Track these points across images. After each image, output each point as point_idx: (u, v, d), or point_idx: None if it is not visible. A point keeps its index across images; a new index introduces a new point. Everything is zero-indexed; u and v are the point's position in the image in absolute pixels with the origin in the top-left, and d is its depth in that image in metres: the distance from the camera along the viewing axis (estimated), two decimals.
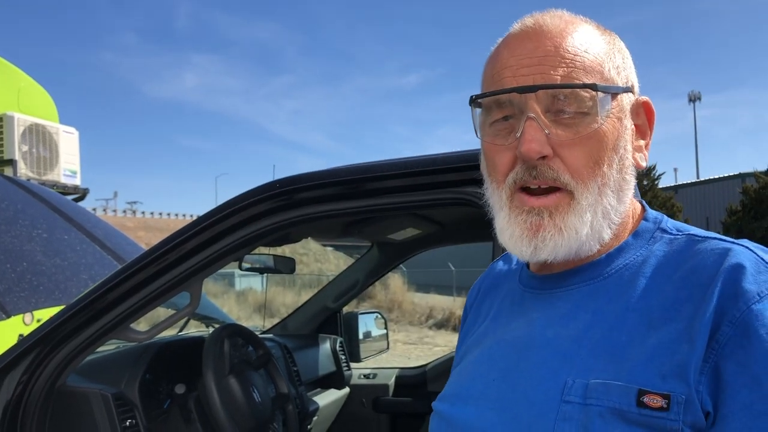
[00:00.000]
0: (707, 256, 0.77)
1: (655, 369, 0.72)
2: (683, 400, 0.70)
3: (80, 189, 5.65)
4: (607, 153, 0.81)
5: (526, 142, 0.79)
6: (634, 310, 0.78)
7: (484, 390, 0.86)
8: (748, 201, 19.40)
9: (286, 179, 1.68)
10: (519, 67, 0.82)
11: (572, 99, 0.80)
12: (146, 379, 2.01)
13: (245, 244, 1.74)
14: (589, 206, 0.81)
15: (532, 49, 0.82)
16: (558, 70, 0.81)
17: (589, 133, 0.80)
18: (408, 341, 13.70)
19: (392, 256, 3.14)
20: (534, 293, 0.91)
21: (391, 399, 3.19)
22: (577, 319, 0.82)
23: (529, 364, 0.82)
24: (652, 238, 0.85)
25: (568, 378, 0.76)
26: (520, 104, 0.81)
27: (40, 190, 3.80)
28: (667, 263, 0.81)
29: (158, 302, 1.78)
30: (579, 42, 0.83)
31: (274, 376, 2.31)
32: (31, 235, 3.20)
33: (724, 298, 0.72)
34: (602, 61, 0.83)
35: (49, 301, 2.96)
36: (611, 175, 0.82)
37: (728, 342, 0.71)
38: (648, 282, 0.80)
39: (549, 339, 0.82)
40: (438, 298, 20.10)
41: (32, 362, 1.75)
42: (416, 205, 1.65)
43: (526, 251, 0.83)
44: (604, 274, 0.84)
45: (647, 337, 0.75)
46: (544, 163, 0.80)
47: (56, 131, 5.41)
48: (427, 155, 1.63)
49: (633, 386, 0.72)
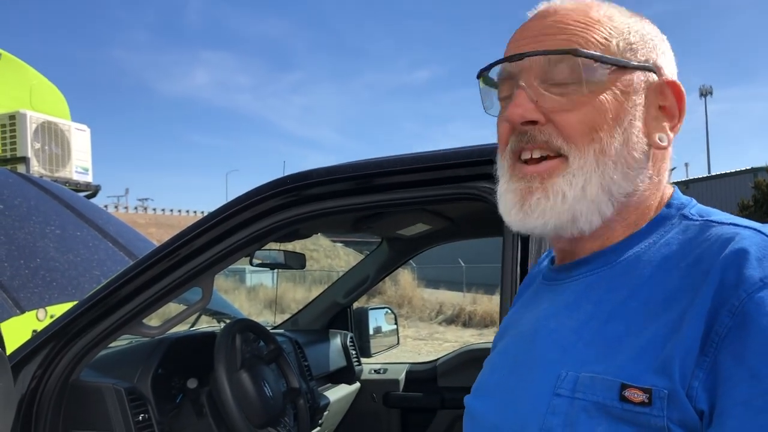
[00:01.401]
0: (714, 243, 0.73)
1: (644, 362, 0.69)
2: (665, 395, 0.67)
3: (92, 186, 5.68)
4: (606, 122, 0.79)
5: (511, 107, 0.81)
6: (636, 300, 0.75)
7: (498, 382, 0.87)
8: (760, 195, 19.26)
9: (297, 175, 1.69)
10: (520, 40, 0.84)
11: (562, 67, 0.80)
12: (159, 373, 2.03)
13: (256, 240, 1.75)
14: (580, 169, 0.79)
15: (535, 25, 0.84)
16: (554, 39, 0.81)
17: (582, 99, 0.79)
18: (418, 337, 13.71)
19: (402, 251, 3.15)
20: (547, 285, 0.91)
21: (402, 394, 3.20)
22: (580, 309, 0.80)
23: (532, 356, 0.81)
24: (671, 225, 0.81)
25: (562, 370, 0.75)
26: (514, 74, 0.83)
27: (52, 187, 3.82)
28: (678, 251, 0.76)
29: (170, 298, 1.80)
30: (584, 17, 0.83)
31: (285, 371, 2.33)
32: (44, 232, 3.22)
33: (724, 286, 0.67)
34: (609, 36, 0.82)
35: (62, 296, 2.99)
36: (612, 145, 0.79)
37: (728, 333, 0.66)
38: (653, 271, 0.76)
39: (551, 330, 0.81)
40: (448, 293, 20.10)
41: (46, 357, 1.77)
42: (426, 201, 1.65)
43: (515, 217, 0.82)
44: (612, 263, 0.81)
45: (644, 328, 0.72)
46: (535, 128, 0.81)
47: (68, 128, 5.44)
48: (437, 150, 1.63)
49: (616, 380, 0.70)
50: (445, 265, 22.82)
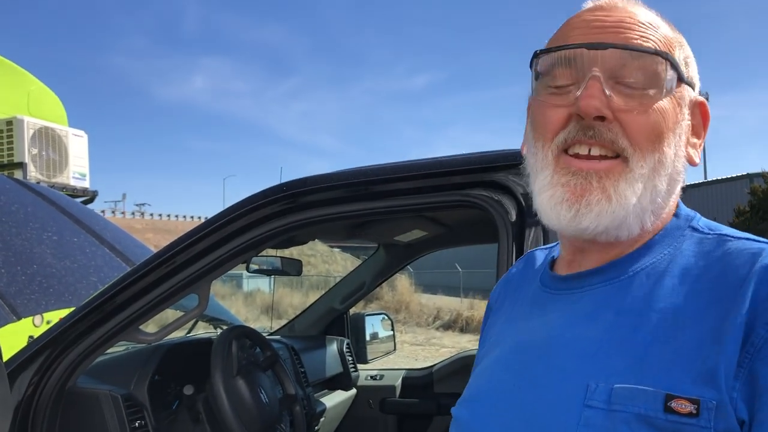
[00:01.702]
0: (738, 257, 0.74)
1: (682, 373, 0.69)
2: (714, 406, 0.66)
3: (89, 191, 5.69)
4: (667, 132, 0.78)
5: (587, 96, 0.75)
6: (659, 311, 0.74)
7: (502, 393, 0.83)
8: (756, 201, 19.29)
9: (293, 182, 1.70)
10: (590, 28, 0.79)
11: (641, 66, 0.77)
12: (155, 380, 2.03)
13: (253, 247, 1.76)
14: (642, 177, 0.76)
15: (605, 15, 0.80)
16: (631, 34, 0.77)
17: (653, 105, 0.76)
18: (415, 342, 13.70)
19: (399, 257, 3.15)
20: (554, 294, 0.87)
21: (398, 400, 3.20)
22: (599, 319, 0.77)
23: (548, 366, 0.78)
24: (682, 236, 0.81)
25: (591, 381, 0.72)
26: (585, 63, 0.77)
27: (49, 193, 3.83)
28: (696, 264, 0.76)
29: (167, 304, 1.80)
30: (653, 21, 0.80)
31: (281, 377, 2.33)
32: (41, 238, 3.22)
33: (758, 300, 0.68)
34: (673, 46, 0.80)
35: (59, 303, 2.99)
36: (669, 157, 0.78)
37: (764, 345, 0.67)
38: (674, 282, 0.76)
39: (569, 340, 0.78)
40: (445, 299, 20.10)
41: (43, 363, 1.77)
42: (422, 208, 1.67)
43: (566, 216, 0.77)
44: (630, 272, 0.79)
45: (673, 340, 0.71)
46: (603, 124, 0.76)
47: (65, 134, 5.45)
48: (434, 158, 1.64)
49: (660, 391, 0.68)
50: (443, 271, 22.83)
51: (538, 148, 0.82)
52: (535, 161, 0.83)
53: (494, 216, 1.51)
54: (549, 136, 0.80)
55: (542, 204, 0.81)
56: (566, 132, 0.78)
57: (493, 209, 1.51)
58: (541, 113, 0.81)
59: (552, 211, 0.79)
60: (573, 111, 0.77)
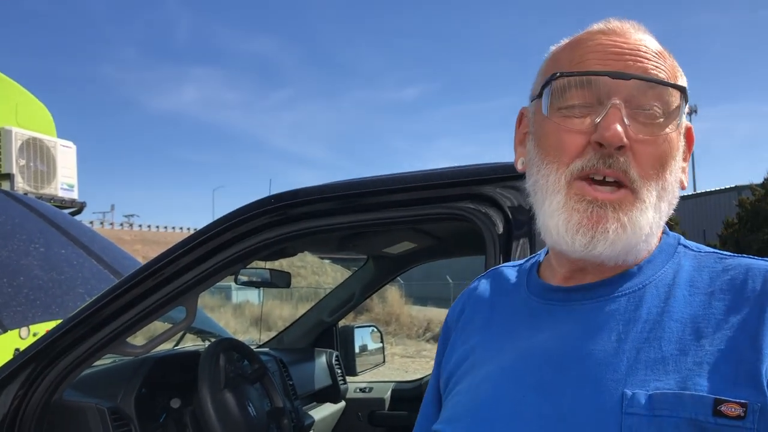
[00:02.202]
0: (745, 270, 0.79)
1: (721, 377, 0.71)
2: (758, 408, 0.69)
3: (77, 203, 5.67)
4: (671, 161, 0.81)
5: (611, 127, 0.76)
6: (678, 321, 0.77)
7: (515, 408, 0.80)
8: (744, 213, 19.44)
9: (281, 194, 1.70)
10: (607, 54, 0.80)
11: (657, 97, 0.79)
12: (142, 393, 2.02)
13: (240, 259, 1.75)
14: (652, 206, 0.79)
15: (621, 42, 0.81)
16: (649, 64, 0.80)
17: (662, 135, 0.79)
18: (405, 354, 13.67)
19: (388, 269, 3.15)
20: (559, 305, 0.86)
21: (387, 413, 3.19)
22: (617, 330, 0.78)
23: (569, 378, 0.78)
24: (677, 253, 0.85)
25: (626, 389, 0.73)
26: (605, 91, 0.78)
27: (37, 205, 3.81)
28: (700, 276, 0.81)
29: (154, 317, 1.79)
30: (661, 50, 0.83)
31: (269, 390, 2.32)
32: (28, 250, 3.20)
33: None
34: (677, 75, 0.83)
35: (46, 315, 2.97)
36: (671, 183, 0.82)
37: None
38: (685, 293, 0.79)
39: (588, 351, 0.78)
40: (435, 311, 20.08)
41: (29, 377, 1.76)
42: (411, 220, 1.67)
43: (581, 241, 0.78)
44: (638, 285, 0.82)
45: (699, 347, 0.74)
46: (621, 153, 0.77)
47: (54, 145, 5.43)
48: (422, 171, 1.65)
49: (709, 395, 0.70)
50: (433, 282, 22.83)
51: (551, 171, 0.82)
52: (546, 183, 0.83)
53: (482, 228, 1.52)
54: (565, 161, 0.80)
55: (555, 227, 0.81)
56: (585, 160, 0.79)
57: (481, 222, 1.52)
58: (555, 136, 0.82)
59: (565, 235, 0.80)
60: (594, 139, 0.78)
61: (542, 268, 0.94)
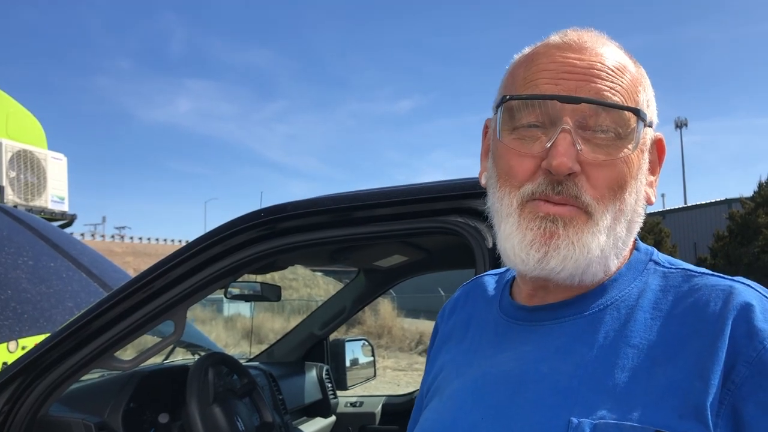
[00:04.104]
0: (709, 293, 0.75)
1: (668, 408, 0.69)
2: None
3: (68, 215, 5.64)
4: (630, 181, 0.79)
5: (559, 155, 0.74)
6: (635, 347, 0.75)
7: (470, 428, 0.80)
8: (734, 227, 19.54)
9: (271, 208, 1.70)
10: (560, 73, 0.78)
11: (611, 119, 0.76)
12: (130, 408, 2.00)
13: (230, 273, 1.75)
14: (605, 228, 0.77)
15: (575, 60, 0.79)
16: (602, 84, 0.77)
17: (619, 156, 0.77)
18: (397, 368, 13.62)
19: (379, 282, 3.15)
20: (522, 325, 0.85)
21: (378, 428, 3.17)
22: (574, 353, 0.77)
23: (523, 401, 0.77)
24: (646, 270, 0.82)
25: (572, 416, 0.72)
26: (556, 113, 0.76)
27: (26, 217, 3.79)
28: (665, 298, 0.78)
29: (142, 331, 1.78)
30: (621, 65, 0.80)
31: (258, 405, 2.30)
32: (16, 263, 3.18)
33: (737, 337, 0.70)
34: (638, 90, 0.80)
35: (34, 329, 2.94)
36: (630, 204, 0.79)
37: (745, 382, 0.68)
38: (646, 316, 0.77)
39: (544, 374, 0.77)
40: (428, 323, 20.02)
41: (15, 391, 1.74)
42: (401, 234, 1.66)
43: (534, 257, 0.77)
44: (600, 306, 0.80)
45: (652, 375, 0.72)
46: (570, 179, 0.76)
47: (44, 157, 5.41)
48: (412, 184, 1.65)
49: (649, 427, 0.68)
50: (426, 295, 22.78)
51: (504, 194, 0.81)
52: (500, 206, 0.82)
53: (471, 242, 1.52)
54: (515, 184, 0.80)
55: (511, 247, 0.80)
56: (534, 185, 0.78)
57: (470, 235, 1.52)
58: (506, 161, 0.81)
59: (521, 253, 0.78)
60: (543, 166, 0.77)
61: (515, 283, 0.93)
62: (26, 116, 5.55)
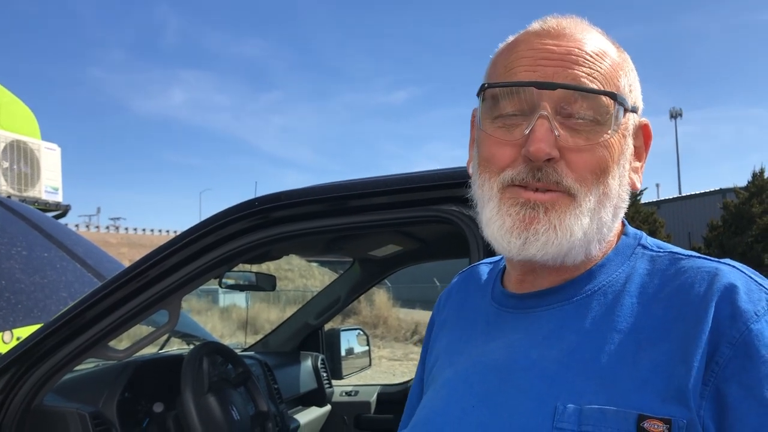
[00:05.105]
0: (694, 275, 0.76)
1: (651, 392, 0.70)
2: (684, 425, 0.68)
3: (62, 205, 5.63)
4: (613, 165, 0.79)
5: (536, 141, 0.75)
6: (621, 331, 0.75)
7: (461, 416, 0.81)
8: (728, 216, 19.61)
9: (265, 197, 1.69)
10: (537, 59, 0.79)
11: (589, 105, 0.77)
12: (124, 397, 2.00)
13: (224, 262, 1.74)
14: (589, 211, 0.78)
15: (552, 46, 0.79)
16: (579, 70, 0.77)
17: (599, 141, 0.77)
18: (393, 357, 13.65)
19: (374, 272, 3.15)
20: (512, 313, 0.86)
21: (373, 416, 3.18)
22: (562, 339, 0.78)
23: (512, 388, 0.78)
24: (633, 254, 0.83)
25: (558, 402, 0.73)
26: (533, 100, 0.77)
27: (20, 207, 3.77)
28: (651, 281, 0.78)
29: (136, 320, 1.78)
30: (600, 50, 0.80)
31: (253, 394, 2.30)
32: (10, 253, 3.17)
33: (720, 318, 0.70)
34: (619, 75, 0.80)
35: (28, 319, 2.94)
36: (614, 188, 0.80)
37: (728, 364, 0.69)
38: (633, 301, 0.77)
39: (533, 361, 0.78)
40: (423, 313, 20.06)
41: (8, 382, 1.74)
42: (395, 223, 1.66)
43: (515, 243, 0.78)
44: (587, 291, 0.81)
45: (638, 359, 0.72)
46: (549, 165, 0.76)
47: (38, 148, 5.39)
48: (406, 173, 1.64)
49: (632, 411, 0.69)
50: (421, 285, 22.82)
51: (485, 180, 0.82)
52: (481, 192, 0.83)
53: (465, 231, 1.52)
54: (495, 170, 0.81)
55: (492, 234, 0.81)
56: (514, 171, 0.78)
57: (465, 225, 1.52)
58: (487, 148, 0.82)
59: (502, 240, 0.79)
60: (522, 153, 0.77)
61: (506, 271, 0.94)
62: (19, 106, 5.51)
